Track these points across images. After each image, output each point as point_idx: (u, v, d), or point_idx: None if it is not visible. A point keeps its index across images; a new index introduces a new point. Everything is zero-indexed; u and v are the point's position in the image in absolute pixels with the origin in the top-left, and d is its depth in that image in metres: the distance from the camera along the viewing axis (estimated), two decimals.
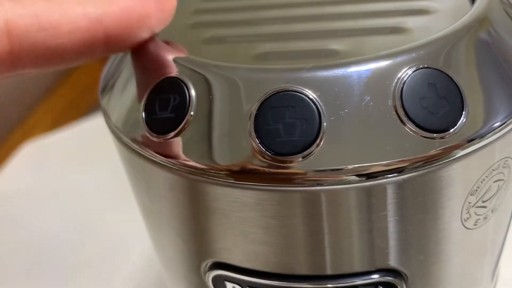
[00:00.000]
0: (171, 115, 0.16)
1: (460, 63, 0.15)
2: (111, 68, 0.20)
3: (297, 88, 0.15)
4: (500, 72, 0.16)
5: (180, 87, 0.16)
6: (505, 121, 0.16)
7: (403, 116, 0.14)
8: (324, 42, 0.17)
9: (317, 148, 0.14)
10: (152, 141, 0.16)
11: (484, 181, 0.16)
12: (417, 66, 0.15)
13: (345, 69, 0.15)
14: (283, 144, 0.14)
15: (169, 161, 0.16)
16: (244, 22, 0.20)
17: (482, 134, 0.15)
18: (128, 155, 0.18)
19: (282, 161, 0.15)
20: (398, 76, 0.14)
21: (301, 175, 0.15)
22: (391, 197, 0.15)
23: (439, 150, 0.14)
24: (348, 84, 0.14)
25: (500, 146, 0.16)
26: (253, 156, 0.15)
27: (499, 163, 0.16)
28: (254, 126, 0.15)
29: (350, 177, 0.15)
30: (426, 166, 0.15)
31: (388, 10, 0.18)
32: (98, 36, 0.16)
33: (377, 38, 0.17)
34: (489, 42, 0.16)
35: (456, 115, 0.14)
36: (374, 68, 0.15)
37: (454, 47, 0.15)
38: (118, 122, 0.18)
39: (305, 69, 0.15)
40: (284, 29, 0.19)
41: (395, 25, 0.17)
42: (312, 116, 0.14)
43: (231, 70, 0.16)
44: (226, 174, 0.15)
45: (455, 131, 0.14)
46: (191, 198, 0.17)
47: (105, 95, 0.19)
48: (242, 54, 0.18)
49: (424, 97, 0.14)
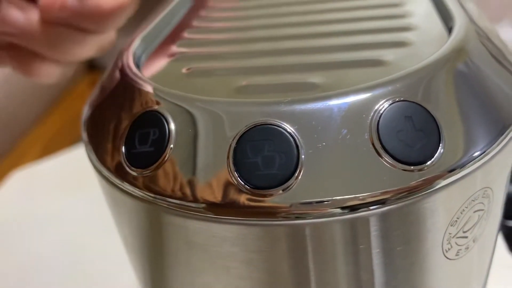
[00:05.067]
0: (151, 149, 0.16)
1: (437, 95, 0.15)
2: (94, 101, 0.20)
3: (275, 122, 0.15)
4: (478, 102, 0.16)
5: (160, 121, 0.16)
6: (485, 150, 0.16)
7: (380, 149, 0.14)
8: (304, 75, 0.17)
9: (296, 181, 0.14)
10: (132, 175, 0.16)
11: (464, 212, 0.16)
12: (394, 99, 0.15)
13: (322, 102, 0.15)
14: (262, 177, 0.14)
15: (148, 195, 0.16)
16: (226, 55, 0.20)
17: (462, 164, 0.15)
18: (109, 188, 0.18)
19: (261, 194, 0.15)
20: (375, 109, 0.15)
21: (283, 209, 0.15)
22: (374, 229, 0.15)
23: (418, 182, 0.15)
24: (325, 117, 0.15)
25: (480, 175, 0.16)
26: (233, 190, 0.15)
27: (479, 193, 0.16)
28: (233, 159, 0.15)
29: (334, 209, 0.14)
30: (407, 197, 0.15)
31: (368, 43, 0.19)
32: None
33: (356, 71, 0.17)
34: (466, 73, 0.16)
35: (433, 147, 0.15)
36: (350, 101, 0.15)
37: (431, 79, 0.16)
38: (99, 155, 0.18)
39: (283, 103, 0.15)
40: (265, 63, 0.19)
41: (374, 58, 0.18)
42: (290, 149, 0.14)
43: (210, 104, 0.16)
44: (205, 208, 0.15)
45: (432, 163, 0.14)
46: (171, 233, 0.16)
47: (87, 127, 0.19)
48: (222, 87, 0.18)
49: (400, 130, 0.14)
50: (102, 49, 0.23)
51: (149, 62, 0.20)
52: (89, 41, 0.22)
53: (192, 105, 0.16)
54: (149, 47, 0.22)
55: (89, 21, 0.20)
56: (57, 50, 0.22)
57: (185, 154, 0.15)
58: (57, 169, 0.54)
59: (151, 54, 0.21)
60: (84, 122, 0.20)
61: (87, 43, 0.22)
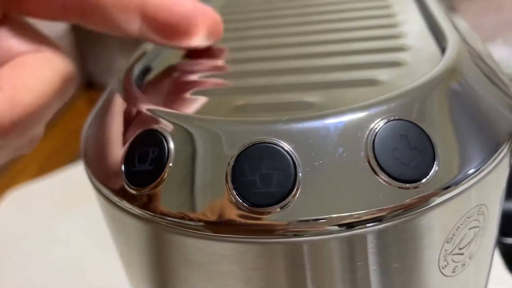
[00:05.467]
0: (150, 168, 0.16)
1: (431, 114, 0.16)
2: (94, 119, 0.20)
3: (273, 140, 0.15)
4: (472, 120, 0.16)
5: (159, 140, 0.16)
6: (479, 167, 0.16)
7: (376, 167, 0.14)
8: (301, 94, 0.18)
9: (294, 198, 0.15)
10: (131, 193, 0.16)
11: (459, 229, 0.16)
12: (389, 118, 0.15)
13: (318, 121, 0.15)
14: (260, 195, 0.15)
15: (147, 213, 0.16)
16: (224, 75, 0.20)
17: (457, 182, 0.15)
18: (107, 206, 0.18)
19: (259, 212, 0.15)
20: (370, 127, 0.15)
21: (281, 226, 0.15)
22: (371, 246, 0.15)
23: (414, 199, 0.15)
24: (321, 136, 0.15)
25: (474, 193, 0.16)
26: (231, 208, 0.15)
27: (474, 210, 0.16)
28: (232, 177, 0.15)
29: (331, 227, 0.15)
30: (403, 215, 0.15)
31: (363, 63, 0.19)
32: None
33: (352, 91, 0.17)
34: (459, 92, 0.17)
35: (428, 165, 0.15)
36: (346, 120, 0.15)
37: (425, 98, 0.16)
38: (98, 173, 0.18)
39: (281, 122, 0.15)
40: (263, 82, 0.19)
41: (369, 78, 0.18)
42: (287, 167, 0.15)
43: (208, 123, 0.16)
44: (204, 226, 0.15)
45: (428, 180, 0.15)
46: (170, 251, 0.17)
47: (86, 145, 0.20)
48: (221, 106, 0.18)
49: (396, 148, 0.15)
50: (21, 151, 0.19)
51: (149, 81, 0.21)
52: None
53: (190, 124, 0.16)
54: (149, 67, 0.22)
55: None
56: None
57: (184, 173, 0.16)
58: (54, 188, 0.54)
59: (151, 74, 0.22)
60: (84, 141, 0.20)
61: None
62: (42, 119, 0.17)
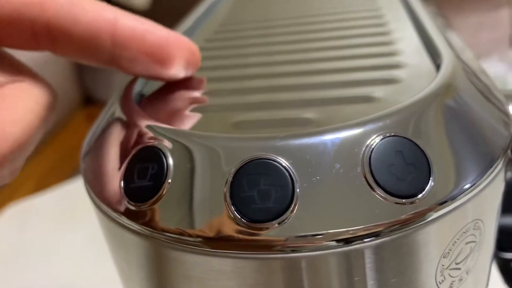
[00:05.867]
0: (149, 184, 0.16)
1: (426, 130, 0.16)
2: (94, 135, 0.21)
3: (271, 156, 0.15)
4: (467, 136, 0.17)
5: (158, 156, 0.16)
6: (475, 182, 0.16)
7: (372, 183, 0.15)
8: (298, 111, 0.18)
9: (292, 214, 0.15)
10: (130, 209, 0.16)
11: (456, 244, 0.16)
12: (384, 134, 0.15)
13: (315, 137, 0.15)
14: (258, 211, 0.15)
15: (146, 229, 0.16)
16: (222, 91, 0.21)
17: (453, 197, 0.16)
18: (106, 222, 0.18)
19: (258, 228, 0.15)
20: (367, 144, 0.15)
21: (279, 242, 0.15)
22: (369, 261, 0.16)
23: (410, 214, 0.15)
24: (319, 152, 0.15)
25: (470, 208, 0.16)
26: (229, 224, 0.15)
27: (470, 225, 0.17)
28: (230, 193, 0.15)
29: (329, 242, 0.15)
30: (400, 230, 0.15)
31: (359, 80, 0.19)
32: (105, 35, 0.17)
33: (348, 107, 0.18)
34: (454, 108, 0.17)
35: (424, 180, 0.15)
36: (343, 136, 0.15)
37: (420, 114, 0.16)
38: (97, 189, 0.18)
39: (278, 138, 0.15)
40: (261, 99, 0.19)
41: (365, 95, 0.18)
42: (285, 183, 0.15)
43: (207, 139, 0.16)
44: (202, 242, 0.15)
45: (424, 195, 0.15)
46: (169, 266, 0.17)
47: (86, 161, 0.20)
48: (219, 123, 0.18)
49: (392, 164, 0.15)
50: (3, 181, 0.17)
51: (148, 98, 0.21)
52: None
53: (189, 141, 0.16)
54: (148, 84, 0.22)
55: None
56: None
57: (182, 188, 0.16)
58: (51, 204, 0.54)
59: (151, 91, 0.22)
60: (83, 157, 0.20)
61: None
62: (27, 150, 0.16)
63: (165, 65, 0.19)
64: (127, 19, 0.18)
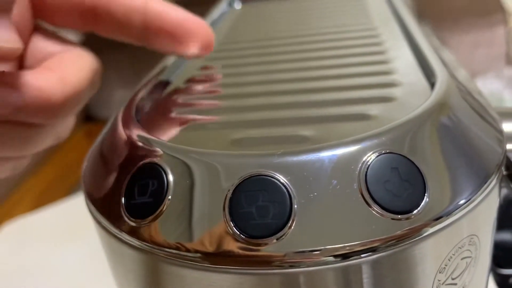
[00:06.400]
0: (149, 200, 0.16)
1: (421, 147, 0.16)
2: (95, 151, 0.21)
3: (269, 173, 0.15)
4: (461, 153, 0.17)
5: (159, 173, 0.17)
6: (469, 198, 0.16)
7: (369, 199, 0.15)
8: (296, 128, 0.18)
9: (289, 230, 0.15)
10: (130, 225, 0.17)
11: (451, 259, 0.17)
12: (380, 151, 0.16)
13: (313, 154, 0.16)
14: (257, 226, 0.15)
15: (146, 244, 0.16)
16: (221, 109, 0.21)
17: (448, 212, 0.16)
18: (107, 238, 0.18)
19: (256, 243, 0.15)
20: (363, 160, 0.15)
21: (277, 257, 0.15)
22: (366, 276, 0.16)
23: (406, 230, 0.15)
24: (316, 168, 0.15)
25: (465, 223, 0.17)
26: (228, 239, 0.15)
27: (465, 240, 0.17)
28: (229, 209, 0.15)
29: (327, 258, 0.15)
30: (396, 245, 0.15)
31: (355, 98, 0.20)
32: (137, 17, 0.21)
33: (345, 125, 0.18)
34: (449, 125, 0.17)
35: (419, 196, 0.15)
36: (340, 153, 0.15)
37: (415, 132, 0.16)
38: (98, 205, 0.18)
39: (276, 155, 0.16)
40: (259, 117, 0.20)
41: (361, 112, 0.19)
42: (283, 199, 0.15)
43: (206, 156, 0.16)
44: (201, 257, 0.15)
45: (419, 211, 0.15)
46: (168, 282, 0.17)
47: (87, 178, 0.20)
48: (219, 140, 0.19)
49: (387, 181, 0.15)
50: (59, 138, 0.22)
51: (149, 116, 0.21)
52: (39, 135, 0.20)
53: (189, 157, 0.17)
54: (149, 102, 0.23)
55: (35, 115, 0.18)
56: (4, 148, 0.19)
57: (182, 205, 0.16)
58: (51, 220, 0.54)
59: (151, 108, 0.22)
60: (84, 173, 0.20)
61: (38, 138, 0.20)
62: (78, 104, 0.20)
63: (183, 43, 0.22)
64: (155, 2, 0.22)
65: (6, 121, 0.18)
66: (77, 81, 0.19)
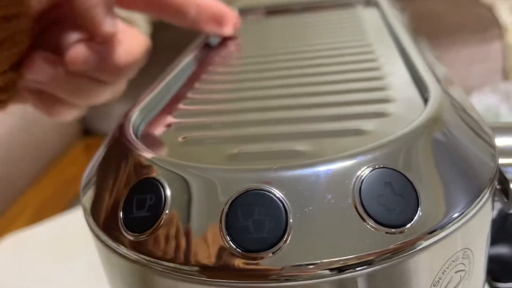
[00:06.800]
0: (147, 214, 0.17)
1: (415, 162, 0.17)
2: (94, 166, 0.21)
3: (265, 187, 0.16)
4: (455, 167, 0.17)
5: (156, 187, 0.17)
6: (463, 211, 0.17)
7: (363, 213, 0.15)
8: (291, 143, 0.19)
9: (285, 244, 0.15)
10: (128, 239, 0.17)
11: (445, 272, 0.17)
12: (374, 166, 0.16)
13: (308, 169, 0.16)
14: (253, 240, 0.15)
15: (144, 258, 0.16)
16: (219, 125, 0.21)
17: (441, 226, 0.16)
18: (105, 252, 0.18)
19: (252, 257, 0.15)
20: (357, 175, 0.16)
21: (274, 271, 0.15)
22: None
23: (400, 243, 0.15)
24: (311, 183, 0.16)
25: (459, 237, 0.17)
26: (225, 253, 0.15)
27: (459, 254, 0.17)
28: (226, 223, 0.16)
29: (323, 271, 0.15)
30: (391, 258, 0.15)
31: (350, 113, 0.20)
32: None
33: (340, 140, 0.18)
34: (442, 140, 0.18)
35: (413, 211, 0.16)
36: (334, 168, 0.16)
37: (409, 147, 0.17)
38: (97, 219, 0.19)
39: (272, 170, 0.16)
40: (256, 132, 0.20)
41: (355, 128, 0.19)
42: (279, 214, 0.15)
43: (203, 171, 0.17)
44: (198, 271, 0.16)
45: (412, 225, 0.15)
46: None
47: (86, 192, 0.20)
48: (215, 155, 0.19)
49: (381, 195, 0.15)
50: (114, 96, 0.29)
51: (147, 131, 0.22)
52: (104, 90, 0.27)
53: (187, 172, 0.17)
54: (147, 117, 0.23)
55: (106, 74, 0.26)
56: (76, 97, 0.26)
57: (179, 219, 0.16)
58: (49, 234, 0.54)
59: (149, 124, 0.22)
60: (83, 188, 0.21)
61: (102, 92, 0.27)
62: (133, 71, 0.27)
63: (223, 26, 0.33)
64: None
65: (85, 75, 0.25)
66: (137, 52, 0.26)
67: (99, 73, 0.25)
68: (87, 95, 0.26)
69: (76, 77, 0.25)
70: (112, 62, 0.25)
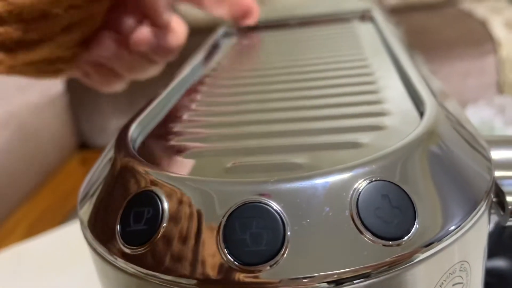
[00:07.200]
0: (145, 227, 0.17)
1: (411, 174, 0.17)
2: (91, 179, 0.21)
3: (262, 200, 0.16)
4: (451, 180, 0.17)
5: (154, 201, 0.17)
6: (459, 224, 0.17)
7: (360, 226, 0.15)
8: (289, 156, 0.19)
9: (283, 257, 0.15)
10: (125, 252, 0.17)
11: (443, 285, 0.17)
12: (371, 178, 0.16)
13: (305, 182, 0.16)
14: (251, 253, 0.15)
15: (141, 272, 0.16)
16: (216, 137, 0.21)
17: (438, 238, 0.16)
18: (102, 265, 0.18)
19: (250, 270, 0.15)
20: (354, 188, 0.16)
21: (271, 284, 0.15)
22: None
23: (397, 256, 0.15)
24: (309, 195, 0.16)
25: (456, 249, 0.17)
26: (222, 266, 0.15)
27: (456, 266, 0.17)
28: (223, 236, 0.16)
29: (321, 284, 0.15)
30: (388, 271, 0.15)
31: (347, 127, 0.20)
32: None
33: (337, 153, 0.18)
34: (438, 153, 0.18)
35: (410, 223, 0.16)
36: (332, 180, 0.16)
37: (405, 160, 0.17)
38: (94, 232, 0.19)
39: (270, 182, 0.16)
40: (253, 144, 0.20)
41: (352, 141, 0.19)
42: (277, 226, 0.15)
43: (201, 183, 0.17)
44: (196, 284, 0.16)
45: (409, 238, 0.15)
46: None
47: (83, 205, 0.20)
48: (213, 167, 0.19)
49: (378, 208, 0.16)
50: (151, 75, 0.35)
51: (145, 144, 0.22)
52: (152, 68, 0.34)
53: (184, 185, 0.17)
54: (145, 129, 0.23)
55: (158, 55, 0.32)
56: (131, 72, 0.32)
57: (177, 232, 0.16)
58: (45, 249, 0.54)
59: (147, 136, 0.23)
60: (80, 201, 0.21)
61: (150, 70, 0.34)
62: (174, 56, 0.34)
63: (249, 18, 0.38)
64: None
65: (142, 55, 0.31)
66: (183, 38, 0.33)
67: (153, 54, 0.31)
68: (139, 71, 0.32)
69: (135, 56, 0.30)
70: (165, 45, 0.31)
